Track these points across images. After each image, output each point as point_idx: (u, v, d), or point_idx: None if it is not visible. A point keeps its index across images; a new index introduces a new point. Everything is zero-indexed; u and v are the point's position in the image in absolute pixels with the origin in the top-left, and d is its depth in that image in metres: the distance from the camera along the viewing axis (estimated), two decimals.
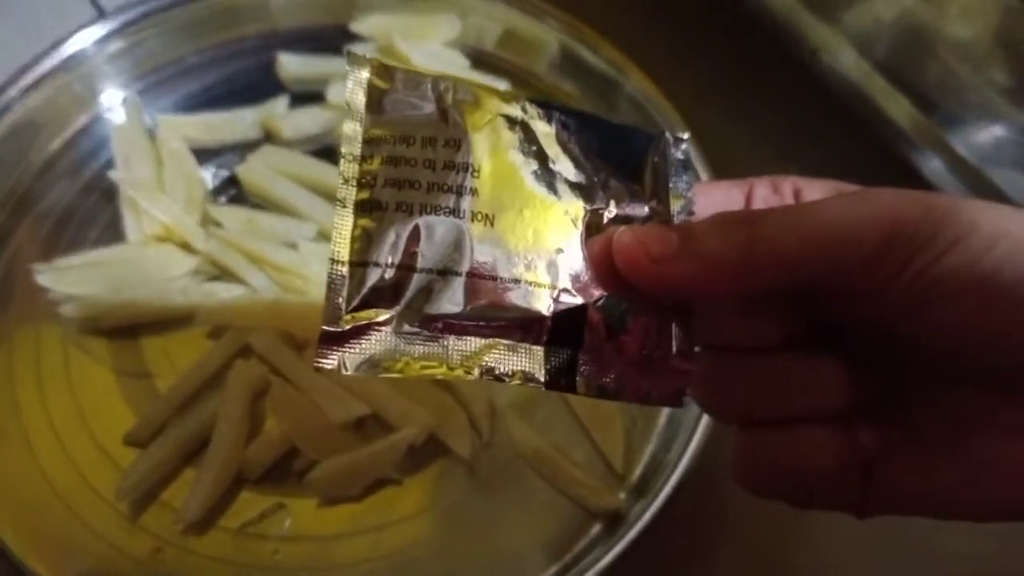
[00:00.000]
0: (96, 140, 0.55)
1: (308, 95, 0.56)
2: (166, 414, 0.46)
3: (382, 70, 0.24)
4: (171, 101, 0.57)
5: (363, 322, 0.21)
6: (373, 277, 0.22)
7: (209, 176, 0.54)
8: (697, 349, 0.24)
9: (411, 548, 0.44)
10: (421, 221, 0.22)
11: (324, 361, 0.21)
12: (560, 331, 0.22)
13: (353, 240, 0.22)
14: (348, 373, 0.21)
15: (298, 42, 0.58)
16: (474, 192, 0.22)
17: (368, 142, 0.23)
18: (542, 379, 0.22)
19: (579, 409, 0.47)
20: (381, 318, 0.21)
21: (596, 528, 0.44)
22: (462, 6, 0.59)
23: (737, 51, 0.59)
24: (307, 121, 0.55)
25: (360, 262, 0.22)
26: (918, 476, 0.24)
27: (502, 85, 0.56)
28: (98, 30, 0.55)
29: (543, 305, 0.22)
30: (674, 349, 0.23)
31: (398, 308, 0.22)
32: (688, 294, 0.23)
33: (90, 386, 0.47)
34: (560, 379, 0.22)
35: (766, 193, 0.26)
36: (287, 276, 0.49)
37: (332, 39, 0.58)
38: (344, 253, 0.22)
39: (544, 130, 0.24)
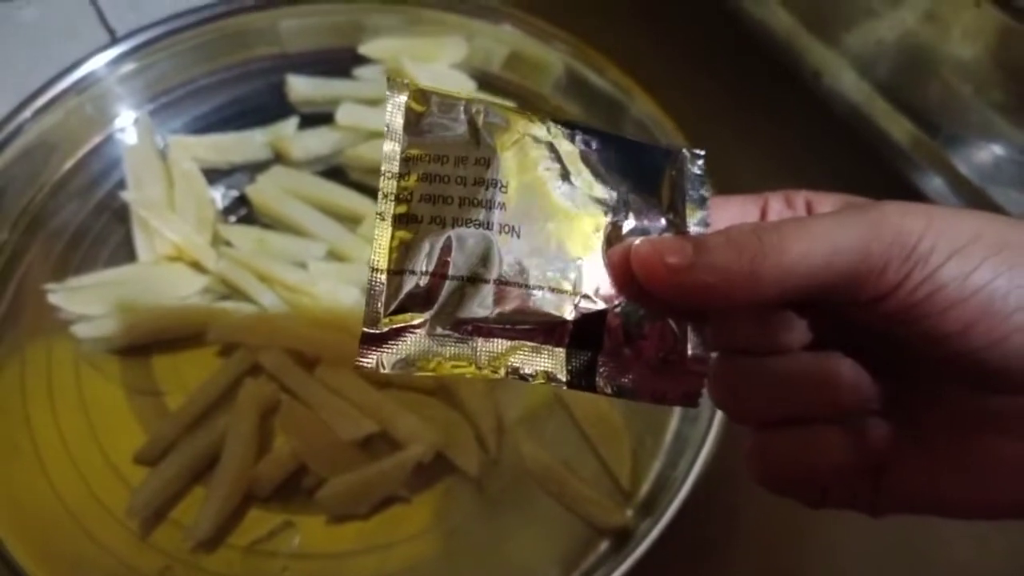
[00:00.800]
0: (108, 161, 0.55)
1: (317, 116, 0.57)
2: (176, 432, 0.46)
3: (419, 94, 0.25)
4: (182, 122, 0.57)
5: (399, 325, 0.23)
6: (409, 284, 0.23)
7: (219, 196, 0.55)
8: (713, 354, 0.25)
9: (419, 565, 0.44)
10: (453, 233, 0.24)
11: (364, 360, 0.23)
12: (581, 334, 0.24)
13: (391, 250, 0.24)
14: (386, 371, 0.23)
15: (307, 64, 0.59)
16: (502, 206, 0.24)
17: (405, 160, 0.24)
18: (564, 379, 0.24)
19: (586, 426, 0.47)
20: (416, 321, 0.23)
21: (604, 545, 0.45)
22: (469, 28, 0.59)
23: (740, 74, 0.60)
24: (316, 142, 0.56)
25: (397, 270, 0.24)
26: (925, 476, 0.25)
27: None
28: (110, 53, 0.56)
29: (565, 310, 0.24)
30: (689, 352, 0.24)
31: (431, 312, 0.23)
32: (702, 302, 0.24)
33: (101, 404, 0.47)
34: (581, 379, 0.24)
35: (780, 207, 0.27)
36: (297, 295, 0.50)
37: (341, 61, 0.59)
38: (383, 262, 0.24)
39: (568, 148, 0.26)
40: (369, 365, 0.23)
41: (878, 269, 0.22)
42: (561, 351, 0.24)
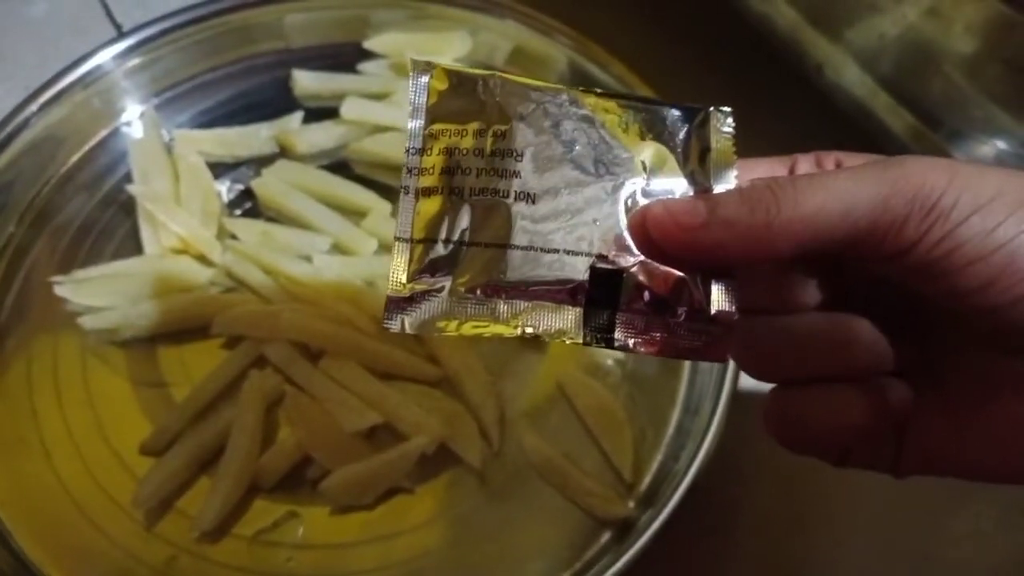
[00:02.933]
0: (114, 154, 0.56)
1: (322, 111, 0.57)
2: (182, 423, 0.46)
3: (440, 73, 0.27)
4: (188, 116, 0.58)
5: (422, 289, 0.25)
6: (431, 251, 0.25)
7: (225, 190, 0.55)
8: (734, 308, 0.25)
9: (423, 556, 0.44)
10: (472, 202, 0.25)
11: (389, 323, 0.25)
12: (598, 294, 0.25)
13: (414, 221, 0.25)
14: (409, 331, 0.25)
15: (312, 59, 0.59)
16: (518, 174, 0.25)
17: (427, 136, 0.26)
18: (581, 337, 0.25)
19: (588, 419, 0.48)
20: (437, 286, 0.25)
21: (606, 536, 0.45)
22: (473, 23, 0.59)
23: (743, 67, 0.60)
24: (321, 136, 0.56)
25: (420, 239, 0.25)
26: (948, 436, 0.25)
27: None
28: (117, 47, 0.56)
29: (581, 271, 0.25)
30: (713, 310, 0.25)
31: (452, 277, 0.25)
32: (718, 260, 0.24)
33: (107, 396, 0.48)
34: (598, 336, 0.25)
35: (808, 167, 0.27)
36: (302, 288, 0.50)
37: (346, 56, 0.59)
38: (407, 232, 0.25)
39: (584, 114, 0.26)
40: (395, 328, 0.25)
41: (898, 224, 0.22)
42: (579, 310, 0.25)
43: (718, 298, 0.25)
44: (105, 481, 0.45)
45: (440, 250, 0.25)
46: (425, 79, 0.27)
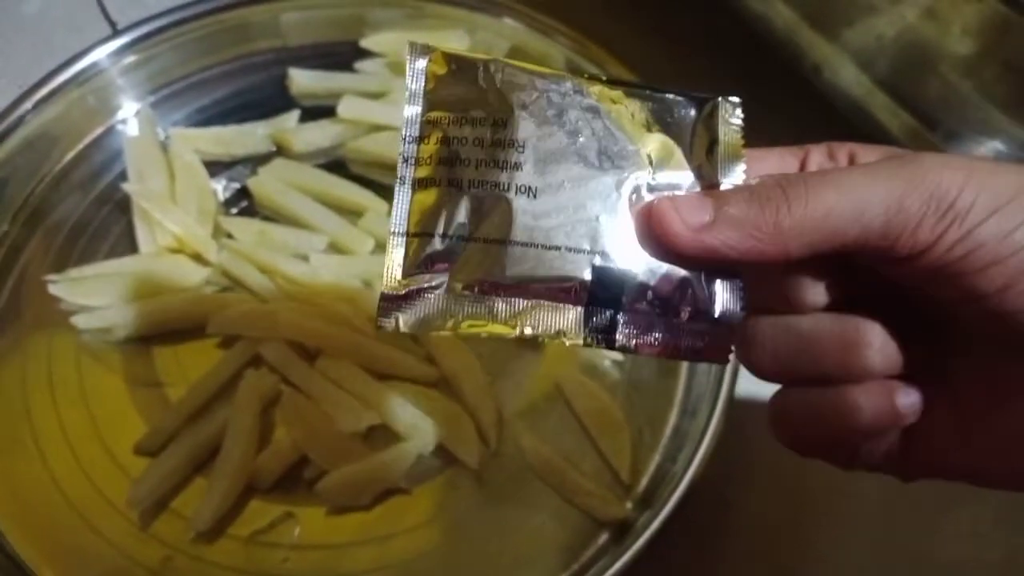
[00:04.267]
0: (109, 153, 0.55)
1: (319, 109, 0.57)
2: (177, 423, 0.46)
3: (439, 57, 0.25)
4: (184, 115, 0.57)
5: (417, 286, 0.24)
6: (427, 246, 0.24)
7: (221, 188, 0.55)
8: (739, 308, 0.24)
9: (419, 557, 0.44)
10: (471, 195, 0.24)
11: (383, 321, 0.24)
12: (600, 293, 0.24)
13: (410, 214, 0.24)
14: (404, 331, 0.23)
15: (309, 58, 0.59)
16: (519, 166, 0.24)
17: (425, 124, 0.25)
18: (582, 337, 0.24)
19: (586, 420, 0.48)
20: (434, 283, 0.24)
21: (603, 537, 0.45)
22: (471, 22, 0.59)
23: (740, 67, 0.60)
24: (318, 135, 0.56)
25: (416, 233, 0.24)
26: (957, 441, 0.24)
27: None
28: (112, 44, 0.56)
29: (583, 269, 0.24)
30: (717, 312, 0.24)
31: (449, 274, 0.24)
32: (724, 260, 0.23)
33: (102, 395, 0.48)
34: (599, 337, 0.24)
35: (821, 159, 0.26)
36: (298, 287, 0.50)
37: (342, 55, 0.59)
38: (402, 225, 0.24)
39: (589, 103, 0.25)
40: (389, 326, 0.23)
41: (912, 225, 0.22)
42: (580, 309, 0.24)
43: (723, 298, 0.24)
44: (100, 481, 0.45)
45: (437, 245, 0.24)
46: (423, 63, 0.25)
